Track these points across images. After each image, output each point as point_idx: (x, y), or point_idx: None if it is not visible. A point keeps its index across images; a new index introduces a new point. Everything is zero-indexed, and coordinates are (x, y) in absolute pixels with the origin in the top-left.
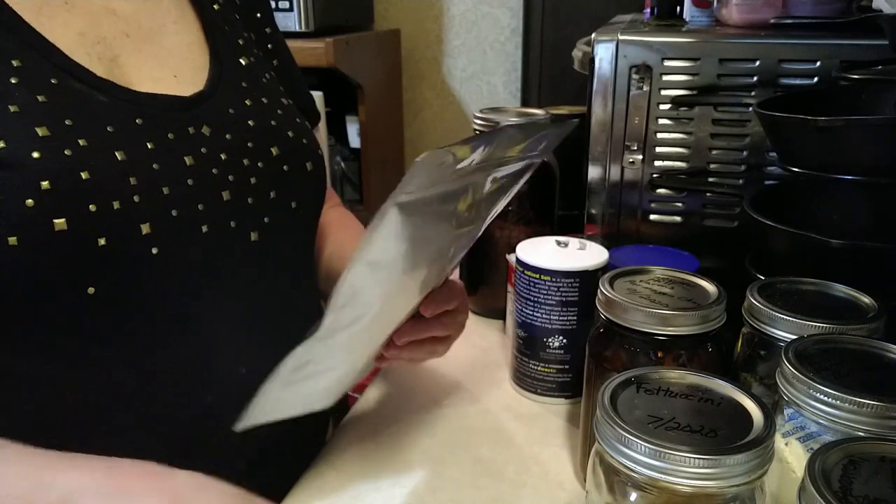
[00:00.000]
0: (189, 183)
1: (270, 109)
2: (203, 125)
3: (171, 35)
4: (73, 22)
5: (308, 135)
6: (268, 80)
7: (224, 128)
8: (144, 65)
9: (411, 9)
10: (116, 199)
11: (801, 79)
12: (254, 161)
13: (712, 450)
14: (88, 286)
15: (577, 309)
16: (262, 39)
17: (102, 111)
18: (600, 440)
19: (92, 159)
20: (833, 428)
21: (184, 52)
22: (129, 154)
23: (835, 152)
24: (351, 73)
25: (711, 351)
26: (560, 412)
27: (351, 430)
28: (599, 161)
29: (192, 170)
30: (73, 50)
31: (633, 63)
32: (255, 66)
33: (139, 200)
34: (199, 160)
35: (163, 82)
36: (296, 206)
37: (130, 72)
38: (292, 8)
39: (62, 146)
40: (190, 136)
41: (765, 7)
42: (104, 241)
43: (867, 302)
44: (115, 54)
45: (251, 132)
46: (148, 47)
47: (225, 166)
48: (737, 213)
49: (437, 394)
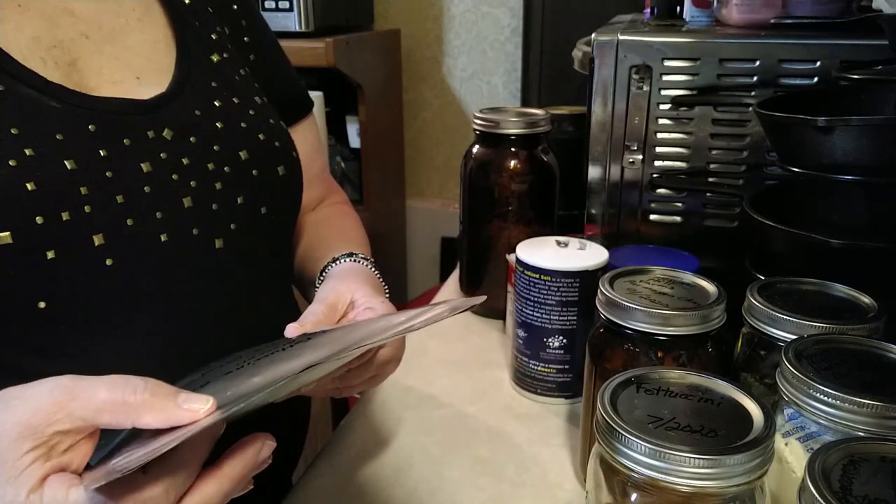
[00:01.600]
0: (146, 190)
1: (241, 110)
2: (164, 128)
3: (134, 34)
4: (27, 26)
5: (282, 137)
6: (241, 77)
7: (188, 131)
8: (105, 67)
9: (411, 9)
10: (65, 209)
11: (801, 79)
12: (220, 165)
13: (712, 450)
14: (38, 300)
15: (577, 309)
16: (237, 33)
17: (53, 118)
18: (600, 440)
19: (39, 169)
20: (833, 428)
21: (148, 51)
22: (80, 162)
23: (835, 152)
24: (351, 73)
25: (711, 351)
26: (560, 412)
27: (351, 430)
28: (599, 161)
29: (149, 176)
30: (27, 55)
31: (633, 63)
32: (228, 63)
33: (90, 210)
34: (157, 166)
35: (124, 85)
36: (266, 212)
37: (90, 75)
38: (292, 8)
39: (6, 156)
40: (149, 140)
41: (765, 7)
42: (53, 254)
43: (867, 302)
44: (74, 58)
45: (218, 135)
46: (109, 48)
47: (186, 172)
48: (737, 213)
49: (437, 394)
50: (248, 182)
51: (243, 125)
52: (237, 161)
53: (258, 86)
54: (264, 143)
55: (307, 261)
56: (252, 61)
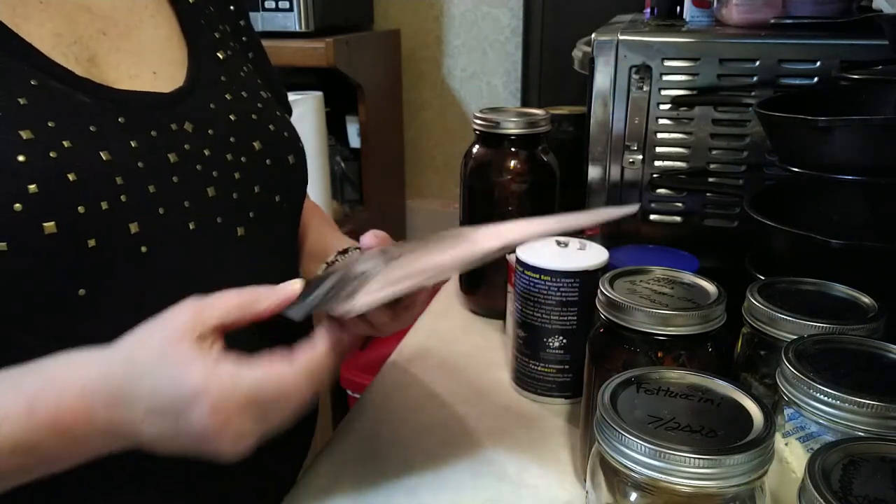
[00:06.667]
0: (174, 180)
1: (250, 103)
2: (185, 122)
3: (148, 30)
4: (49, 22)
5: (289, 127)
6: (246, 73)
7: (206, 123)
8: (122, 63)
9: (411, 9)
10: (104, 199)
11: (801, 79)
12: (237, 156)
13: (712, 450)
14: (79, 288)
15: (577, 309)
16: (236, 32)
17: (84, 111)
18: (600, 440)
19: (77, 160)
20: (833, 428)
21: (162, 47)
22: (114, 153)
23: (835, 152)
24: (351, 73)
25: (711, 351)
26: (560, 412)
27: (351, 430)
28: (599, 161)
29: (176, 167)
30: (51, 50)
31: (633, 63)
32: (233, 59)
33: (126, 200)
34: (182, 157)
35: (141, 79)
36: (279, 200)
37: (108, 70)
38: (292, 8)
39: (47, 148)
40: (173, 132)
41: (765, 7)
42: (94, 242)
43: (867, 302)
44: (92, 53)
45: (233, 127)
46: (125, 44)
47: (208, 162)
48: (737, 213)
49: (437, 394)
50: (262, 171)
51: (254, 117)
52: (252, 151)
53: (260, 82)
54: (274, 134)
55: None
56: (251, 59)
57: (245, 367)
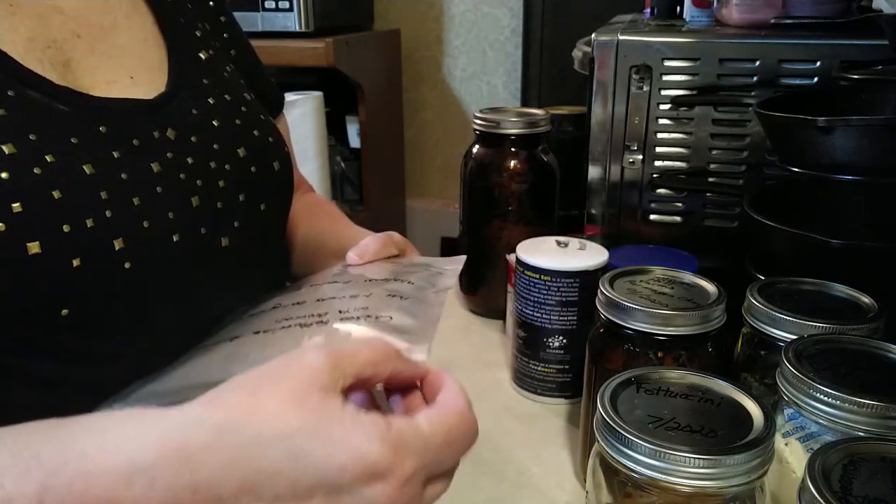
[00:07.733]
0: (158, 191)
1: (234, 108)
2: (167, 128)
3: (123, 31)
4: (21, 26)
5: (273, 132)
6: (228, 73)
7: (189, 130)
8: (98, 67)
9: (411, 9)
10: (89, 216)
11: (801, 79)
12: (220, 164)
13: (712, 450)
14: (62, 308)
15: (577, 309)
16: (217, 29)
17: (64, 122)
18: (600, 440)
19: (61, 176)
20: (833, 428)
21: (139, 49)
22: (97, 166)
23: (835, 152)
24: (351, 73)
25: (711, 351)
26: (560, 412)
27: None
28: (599, 161)
29: (160, 177)
30: (25, 56)
31: (633, 63)
32: (215, 59)
33: (111, 215)
34: (166, 166)
35: (118, 85)
36: (265, 208)
37: (84, 76)
38: (292, 8)
39: (30, 164)
40: (155, 140)
41: (765, 7)
42: (78, 262)
43: (867, 302)
44: (67, 57)
45: (216, 133)
46: (101, 47)
47: (192, 171)
48: (737, 213)
49: None
50: (247, 179)
51: (238, 122)
52: (236, 158)
53: (243, 82)
54: (259, 139)
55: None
56: (233, 57)
57: (422, 421)
